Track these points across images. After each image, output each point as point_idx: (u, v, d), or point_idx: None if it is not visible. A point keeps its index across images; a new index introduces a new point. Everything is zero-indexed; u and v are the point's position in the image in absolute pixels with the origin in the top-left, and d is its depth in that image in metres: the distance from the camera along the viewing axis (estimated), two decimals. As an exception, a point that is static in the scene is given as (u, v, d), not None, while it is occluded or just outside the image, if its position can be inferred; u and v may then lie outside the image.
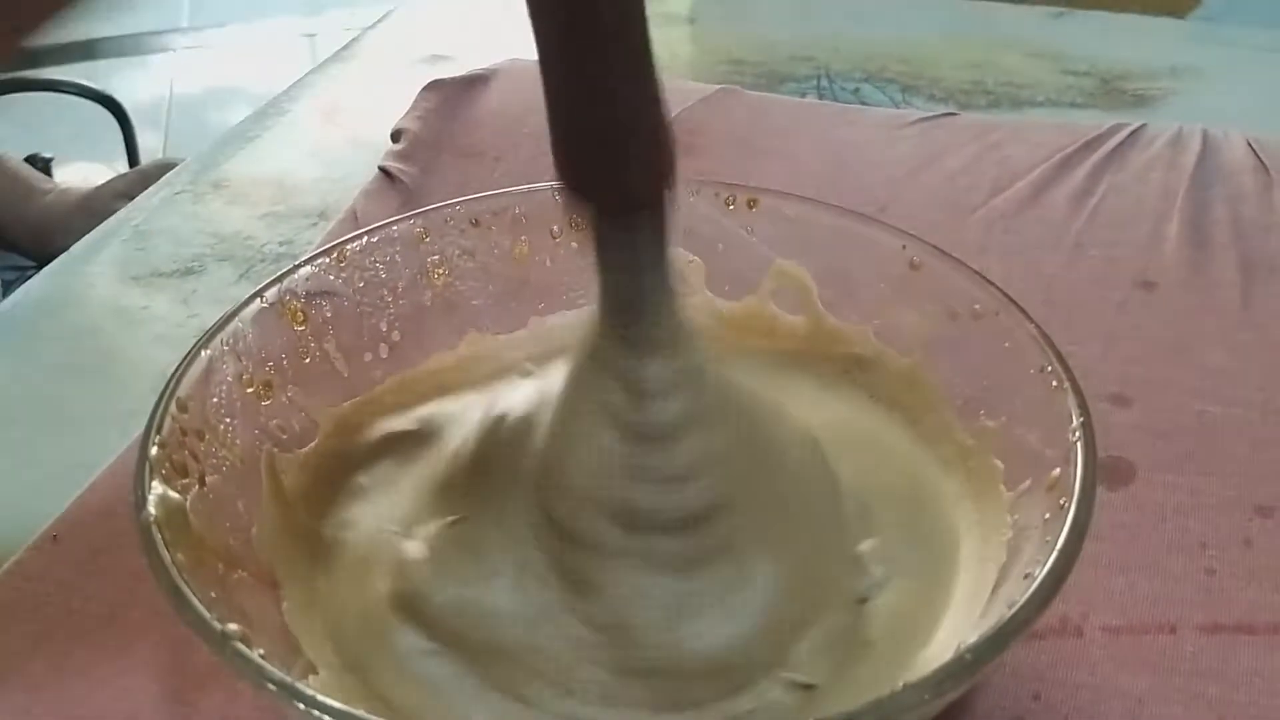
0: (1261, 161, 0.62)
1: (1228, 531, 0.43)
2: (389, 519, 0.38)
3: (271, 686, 0.28)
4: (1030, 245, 0.57)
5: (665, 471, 0.33)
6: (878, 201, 0.60)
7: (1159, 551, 0.42)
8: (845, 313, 0.43)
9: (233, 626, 0.29)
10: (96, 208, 1.05)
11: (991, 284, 0.39)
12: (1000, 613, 0.30)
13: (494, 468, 0.36)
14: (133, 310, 0.58)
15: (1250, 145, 0.63)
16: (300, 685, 0.28)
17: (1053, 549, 0.30)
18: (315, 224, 0.64)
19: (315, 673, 0.34)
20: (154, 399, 0.35)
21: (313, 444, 0.41)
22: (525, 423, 0.36)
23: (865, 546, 0.36)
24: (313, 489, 0.40)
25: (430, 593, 0.34)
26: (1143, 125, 0.66)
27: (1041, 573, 0.30)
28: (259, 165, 0.70)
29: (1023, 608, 0.29)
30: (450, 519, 0.36)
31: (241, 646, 0.29)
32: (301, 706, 0.27)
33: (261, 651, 0.29)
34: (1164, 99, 0.76)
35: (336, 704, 0.27)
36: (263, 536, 0.37)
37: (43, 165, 1.32)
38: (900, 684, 0.27)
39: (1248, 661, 0.38)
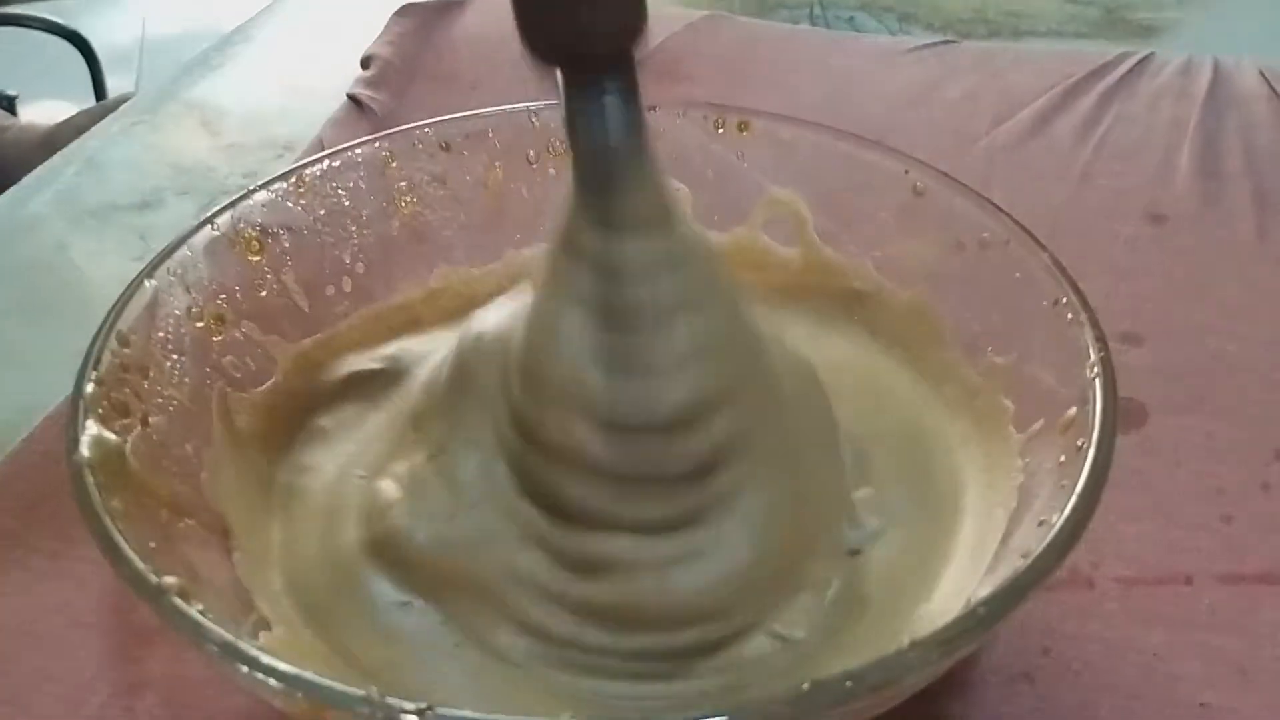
0: (1275, 90, 0.59)
1: (1245, 476, 0.40)
2: (356, 464, 0.35)
3: (211, 646, 0.25)
4: (1035, 176, 0.54)
5: (647, 362, 0.30)
6: (875, 132, 0.55)
7: (1173, 498, 0.40)
8: (843, 244, 0.40)
9: (170, 579, 0.27)
10: (59, 144, 1.01)
11: (1002, 211, 0.36)
12: (1014, 563, 0.28)
13: (470, 389, 0.33)
14: (85, 246, 0.55)
15: (1263, 74, 0.61)
16: (243, 644, 0.25)
17: (1071, 493, 0.28)
18: (281, 155, 0.61)
19: (268, 629, 0.31)
20: (104, 336, 0.33)
21: (270, 383, 0.38)
22: (500, 341, 0.33)
23: (860, 495, 0.34)
24: (269, 431, 0.37)
25: (411, 532, 0.32)
26: (1150, 53, 0.63)
27: (1060, 519, 0.27)
28: (223, 94, 0.67)
29: (1041, 556, 0.26)
30: (426, 454, 0.33)
31: (179, 601, 0.26)
32: (244, 669, 0.24)
33: (201, 607, 0.26)
34: (1171, 29, 0.73)
35: (281, 665, 0.24)
36: (213, 482, 0.34)
37: (6, 103, 1.28)
38: (906, 640, 0.24)
39: (1269, 614, 0.36)
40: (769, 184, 0.41)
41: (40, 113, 1.37)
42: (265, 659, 0.24)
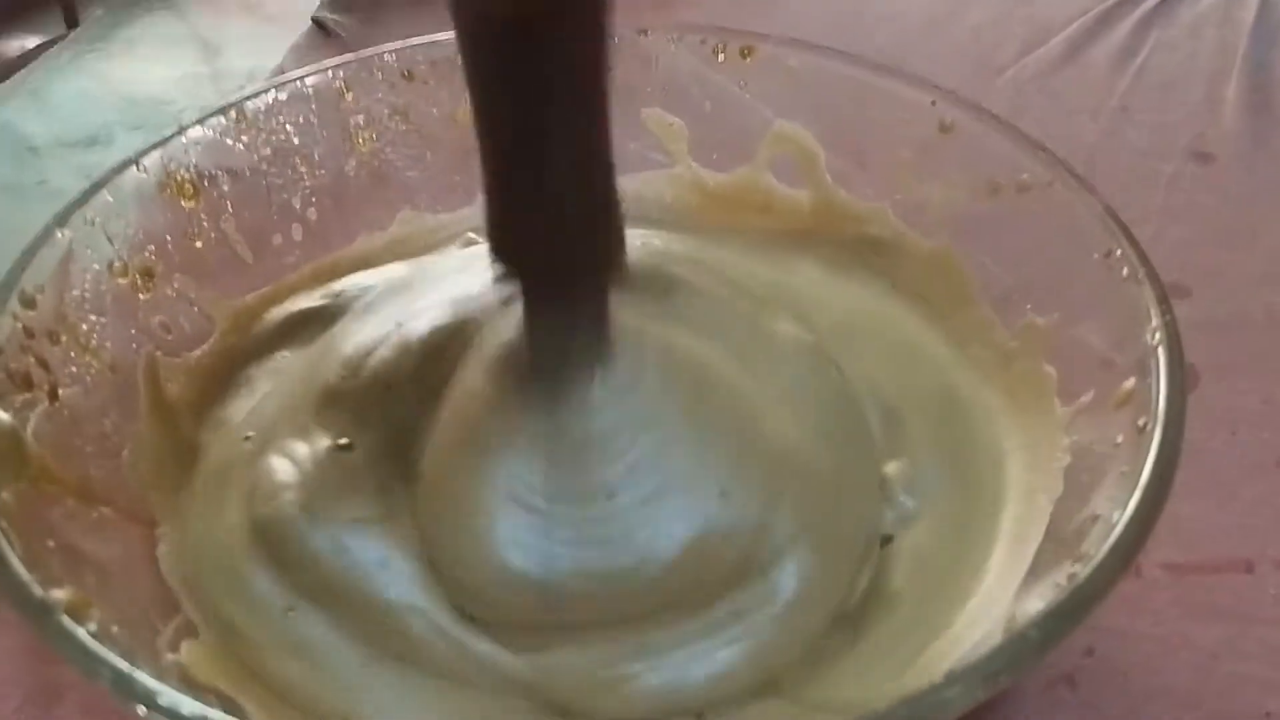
0: (1330, 16, 0.54)
1: (1309, 447, 0.36)
2: (250, 421, 0.31)
3: (103, 676, 0.21)
4: (1068, 110, 0.50)
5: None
6: (889, 61, 0.52)
7: (1229, 472, 0.35)
8: (859, 186, 0.36)
9: (59, 593, 0.22)
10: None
11: (1044, 149, 0.32)
12: (1065, 568, 0.23)
13: (395, 399, 0.29)
14: (27, 185, 0.51)
15: (1317, -3, 0.56)
16: (140, 675, 0.21)
17: (1135, 484, 0.23)
18: (242, 87, 0.56)
19: (195, 635, 0.27)
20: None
21: (206, 345, 0.33)
22: (438, 354, 0.29)
23: (892, 468, 0.29)
24: (203, 398, 0.32)
25: (300, 532, 0.27)
26: (1191, -25, 0.58)
27: (1123, 517, 0.23)
28: (179, 21, 0.62)
29: (1102, 565, 0.22)
30: (331, 440, 0.29)
31: (66, 621, 0.22)
32: (142, 711, 0.20)
33: (95, 627, 0.22)
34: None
35: (184, 705, 0.20)
36: (137, 461, 0.30)
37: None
38: (942, 673, 0.20)
39: (1341, 606, 0.32)
40: (775, 117, 0.37)
41: (13, 48, 1.32)
42: (165, 697, 0.20)
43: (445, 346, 0.29)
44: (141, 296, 0.32)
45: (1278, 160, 0.47)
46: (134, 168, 0.33)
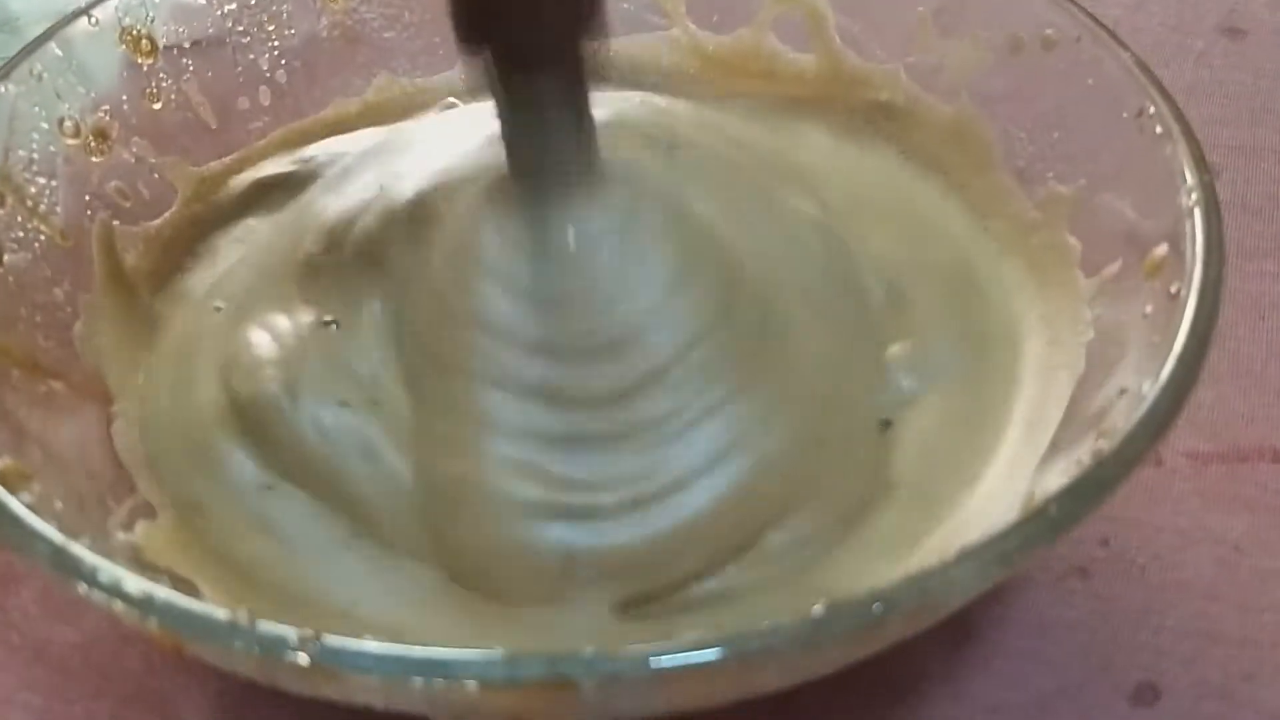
0: (1373, -116, 0.51)
1: (1340, 333, 0.34)
2: (219, 289, 0.29)
3: (39, 552, 0.19)
4: (1092, -18, 0.47)
5: (591, 341, 0.25)
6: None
7: (1255, 357, 0.34)
8: (869, 48, 0.34)
9: (-5, 460, 0.20)
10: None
11: (1071, 1, 0.29)
12: (1089, 444, 0.22)
13: (382, 271, 0.27)
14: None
15: None
16: (77, 550, 0.19)
17: (1168, 353, 0.22)
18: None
19: (153, 516, 0.25)
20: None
21: (167, 214, 0.31)
22: (423, 218, 0.27)
23: (894, 350, 0.27)
24: (163, 269, 0.31)
25: (283, 410, 0.26)
26: None
27: (1155, 387, 0.21)
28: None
29: (1130, 437, 0.20)
30: (316, 317, 0.27)
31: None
32: (81, 586, 0.18)
33: (31, 499, 0.20)
34: None
35: (127, 582, 0.18)
36: (90, 334, 0.28)
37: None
38: (955, 551, 0.18)
39: (1372, 497, 0.30)
40: (780, -28, 0.34)
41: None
42: (105, 574, 0.18)
43: (431, 214, 0.27)
44: (95, 160, 0.30)
45: (1314, 35, 0.44)
46: (85, 20, 0.30)
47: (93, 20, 0.30)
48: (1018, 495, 0.24)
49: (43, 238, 0.28)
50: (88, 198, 0.30)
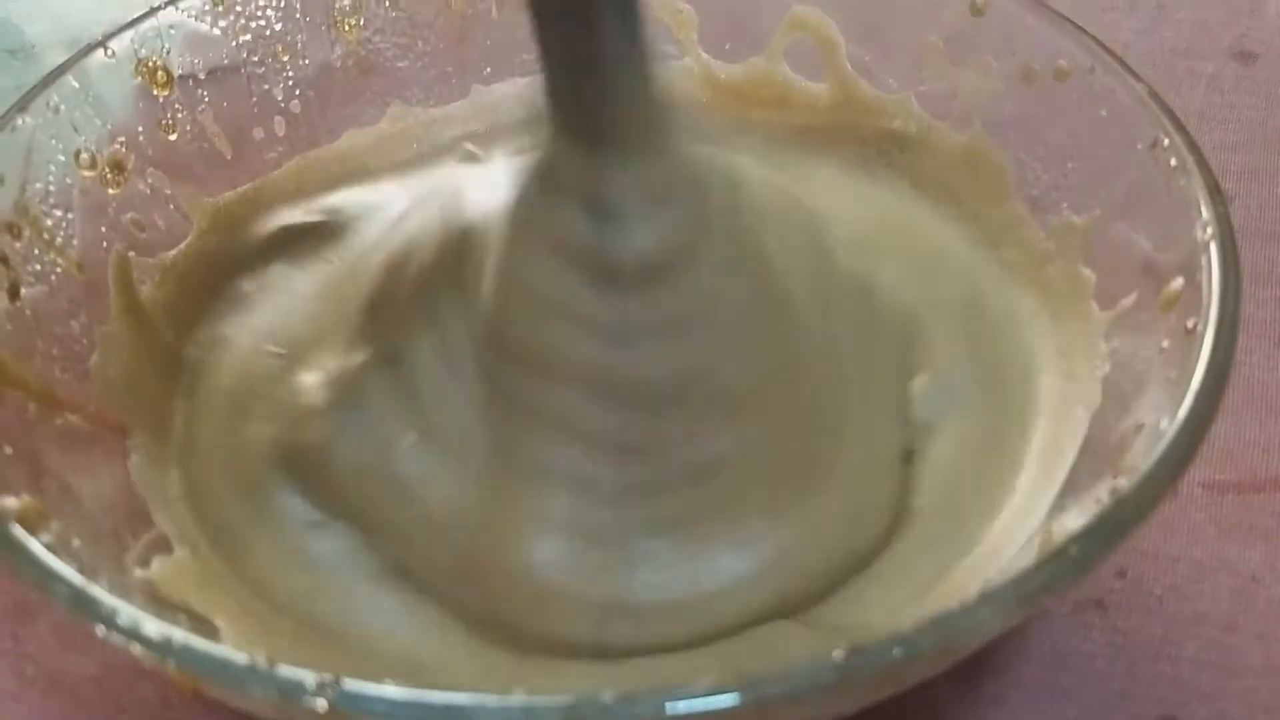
0: (1383, -93, 0.51)
1: (1356, 360, 0.34)
2: (271, 337, 0.29)
3: (59, 593, 0.19)
4: (1102, 6, 0.47)
5: (646, 324, 0.24)
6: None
7: (1270, 384, 0.33)
8: (882, 77, 0.34)
9: (11, 500, 0.20)
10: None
11: (1084, 31, 0.30)
12: (1108, 481, 0.21)
13: (431, 301, 0.26)
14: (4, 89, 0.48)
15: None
16: (97, 592, 0.19)
17: (1185, 390, 0.21)
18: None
19: (168, 551, 0.25)
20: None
21: (183, 245, 0.31)
22: (468, 243, 0.26)
23: (915, 384, 0.27)
24: (180, 301, 0.31)
25: (334, 453, 0.26)
26: None
27: (1173, 425, 0.21)
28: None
29: (1150, 476, 0.20)
30: (369, 354, 0.26)
31: (16, 530, 0.20)
32: (100, 628, 0.18)
33: (49, 539, 0.20)
34: None
35: (146, 625, 0.18)
36: (107, 366, 0.28)
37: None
38: (978, 590, 0.18)
39: (1388, 527, 0.30)
40: (791, 1, 0.34)
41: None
42: (125, 615, 0.18)
43: (476, 232, 0.26)
44: (111, 191, 0.30)
45: (1326, 59, 0.44)
46: (101, 52, 0.30)
47: (109, 52, 0.31)
48: (1034, 530, 0.24)
49: (59, 270, 0.28)
50: (104, 229, 0.30)
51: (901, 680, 0.19)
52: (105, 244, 0.30)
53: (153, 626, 0.18)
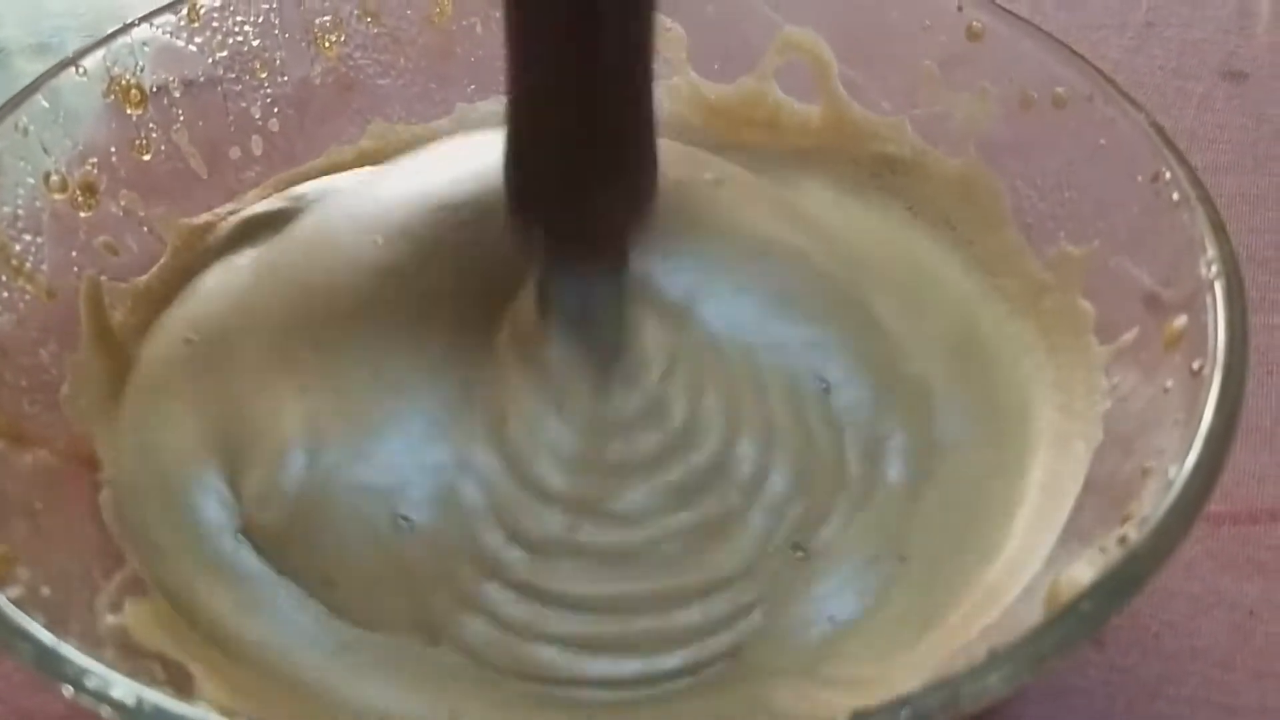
0: (1368, -75, 0.51)
1: (1351, 384, 0.34)
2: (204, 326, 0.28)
3: (23, 654, 0.18)
4: (1090, 24, 0.47)
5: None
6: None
7: (1265, 413, 0.33)
8: (875, 99, 0.33)
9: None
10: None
11: (1082, 58, 0.29)
12: (1113, 528, 0.21)
13: (396, 328, 0.26)
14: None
15: (1353, -95, 0.52)
16: (68, 650, 0.18)
17: (1194, 436, 0.21)
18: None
19: (143, 592, 0.24)
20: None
21: (156, 267, 0.30)
22: (449, 259, 0.26)
23: (906, 420, 0.27)
24: (150, 321, 0.29)
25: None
26: (1219, -120, 0.54)
27: (1182, 475, 0.20)
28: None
29: (1162, 526, 0.19)
30: (333, 390, 0.26)
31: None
32: (68, 690, 0.17)
33: (18, 592, 0.19)
34: None
35: (116, 685, 0.17)
36: (77, 397, 0.27)
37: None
38: (985, 652, 0.18)
39: (1384, 560, 0.30)
40: (783, 22, 0.33)
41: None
42: (94, 676, 0.18)
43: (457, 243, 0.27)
44: (83, 214, 0.29)
45: (1316, 79, 0.44)
46: (72, 70, 0.29)
47: (80, 70, 0.30)
48: (1035, 574, 0.23)
49: (28, 297, 0.27)
50: (74, 254, 0.29)
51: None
52: (76, 269, 0.29)
53: (123, 689, 0.18)
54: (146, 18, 0.31)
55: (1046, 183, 0.30)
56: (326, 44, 0.33)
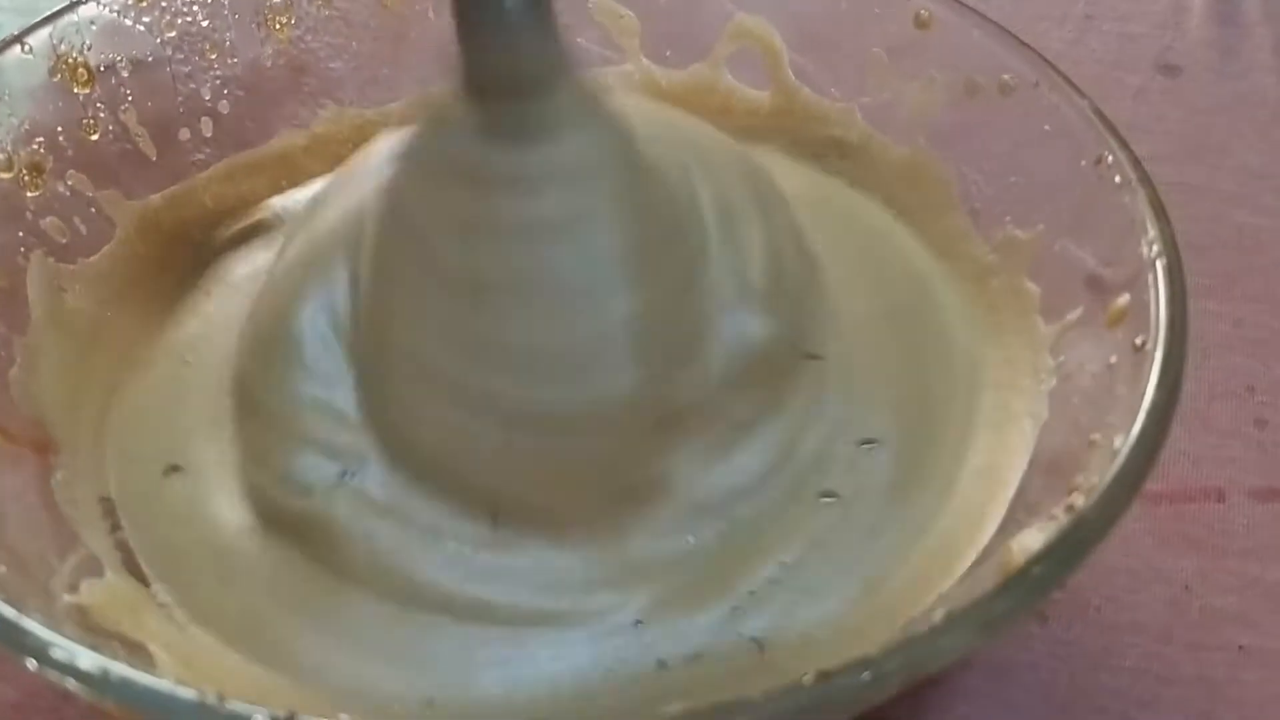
0: (1294, -73, 0.52)
1: (1280, 371, 0.35)
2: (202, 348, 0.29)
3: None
4: (1031, 17, 0.47)
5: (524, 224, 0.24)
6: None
7: (1200, 396, 0.34)
8: (825, 87, 0.34)
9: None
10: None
11: (1029, 47, 0.30)
12: (1061, 498, 0.21)
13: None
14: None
15: (1280, -92, 0.54)
16: (31, 623, 0.18)
17: (1138, 408, 0.22)
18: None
19: (99, 574, 0.24)
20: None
21: (106, 248, 0.30)
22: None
23: (842, 400, 0.27)
24: (108, 309, 0.30)
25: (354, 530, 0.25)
26: (1153, -119, 0.56)
27: (1127, 445, 0.21)
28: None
29: (1109, 493, 0.20)
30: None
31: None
32: (31, 662, 0.17)
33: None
34: None
35: (82, 657, 0.17)
36: (28, 379, 0.27)
37: None
38: (941, 616, 0.18)
39: (1315, 536, 0.31)
40: (735, 10, 0.34)
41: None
42: (60, 649, 0.17)
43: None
44: (30, 194, 0.29)
45: (1246, 73, 0.45)
46: (18, 47, 0.29)
47: (26, 48, 0.29)
48: (985, 542, 0.24)
49: (-26, 278, 0.27)
50: (21, 234, 0.28)
51: (868, 703, 0.18)
52: (23, 250, 0.28)
53: (89, 660, 0.17)
54: (94, -6, 0.31)
55: (992, 168, 0.30)
56: (277, 25, 0.33)
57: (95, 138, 0.30)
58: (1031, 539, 0.21)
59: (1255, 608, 0.29)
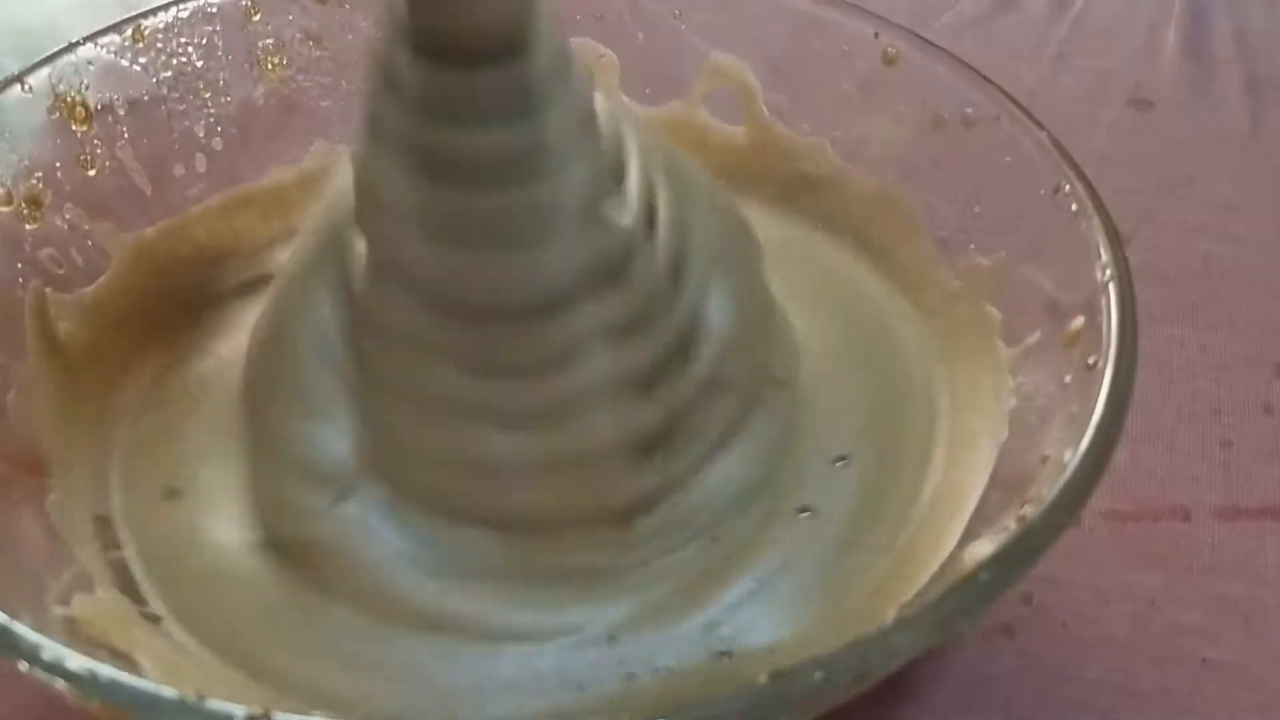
0: (1265, -33, 0.54)
1: (1244, 395, 0.36)
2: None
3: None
4: (1006, 56, 0.48)
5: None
6: (824, 3, 0.50)
7: (1166, 420, 0.35)
8: (798, 121, 0.34)
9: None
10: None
11: (990, 82, 0.31)
12: (1013, 509, 0.22)
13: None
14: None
15: (1254, -53, 0.55)
16: (19, 628, 0.19)
17: (1087, 423, 0.23)
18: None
19: (90, 589, 0.25)
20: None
21: (101, 279, 0.31)
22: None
23: (813, 423, 0.28)
24: (103, 339, 0.30)
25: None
26: (1128, -78, 0.57)
27: (1075, 458, 0.22)
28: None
29: (1055, 504, 0.21)
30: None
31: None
32: (24, 668, 0.18)
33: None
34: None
35: (70, 659, 0.18)
36: (24, 404, 0.28)
37: None
38: (890, 617, 0.19)
39: (1276, 554, 0.31)
40: (711, 49, 0.35)
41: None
42: (48, 651, 0.18)
43: None
44: (28, 227, 0.30)
45: (1217, 108, 0.46)
46: (18, 86, 0.30)
47: (26, 87, 0.30)
48: (943, 558, 0.25)
49: (-26, 307, 0.28)
50: (20, 265, 0.29)
51: (824, 703, 0.19)
52: (21, 280, 0.29)
53: (77, 661, 0.18)
54: (91, 37, 0.32)
55: (957, 198, 0.31)
56: (270, 66, 0.34)
57: (92, 173, 0.31)
58: (983, 548, 0.21)
59: (1218, 623, 0.30)
